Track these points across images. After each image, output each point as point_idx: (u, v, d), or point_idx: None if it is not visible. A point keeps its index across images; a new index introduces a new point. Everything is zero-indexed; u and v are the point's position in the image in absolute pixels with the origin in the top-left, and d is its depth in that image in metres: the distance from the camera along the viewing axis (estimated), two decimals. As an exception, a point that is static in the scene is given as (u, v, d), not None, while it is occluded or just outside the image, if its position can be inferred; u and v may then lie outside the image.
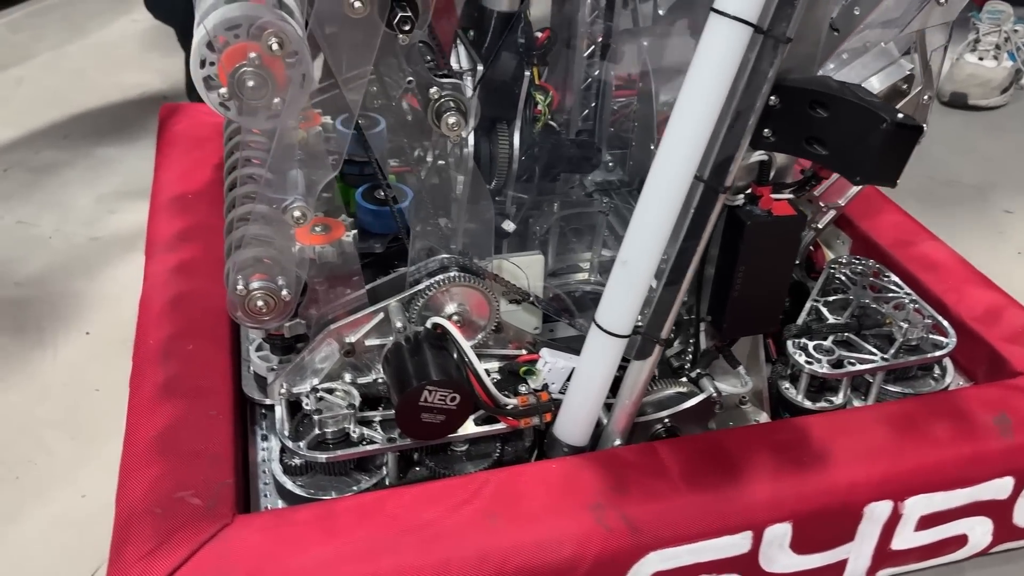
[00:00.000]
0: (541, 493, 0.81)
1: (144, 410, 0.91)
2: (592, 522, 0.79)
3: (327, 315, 0.90)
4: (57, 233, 1.52)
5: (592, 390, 0.84)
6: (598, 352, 0.83)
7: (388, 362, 0.87)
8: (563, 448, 0.88)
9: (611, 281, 0.80)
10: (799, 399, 0.99)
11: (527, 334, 0.96)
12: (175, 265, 1.11)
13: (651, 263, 0.79)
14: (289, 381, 0.90)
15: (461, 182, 1.02)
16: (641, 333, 0.83)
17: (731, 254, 0.88)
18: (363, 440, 0.87)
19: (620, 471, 0.83)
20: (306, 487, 0.87)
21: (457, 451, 0.90)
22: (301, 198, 0.80)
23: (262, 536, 0.77)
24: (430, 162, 1.02)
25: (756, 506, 0.82)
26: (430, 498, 0.81)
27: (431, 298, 0.89)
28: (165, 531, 0.77)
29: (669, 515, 0.80)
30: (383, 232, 1.00)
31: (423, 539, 0.77)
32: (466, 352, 0.83)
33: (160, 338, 0.99)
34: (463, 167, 1.01)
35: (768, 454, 0.86)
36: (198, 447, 0.86)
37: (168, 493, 0.81)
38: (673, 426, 0.92)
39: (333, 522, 0.78)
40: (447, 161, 1.01)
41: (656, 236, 0.78)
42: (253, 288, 0.82)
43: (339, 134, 1.09)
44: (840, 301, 1.07)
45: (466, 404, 0.83)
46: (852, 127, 0.74)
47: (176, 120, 1.44)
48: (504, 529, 0.78)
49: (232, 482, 0.83)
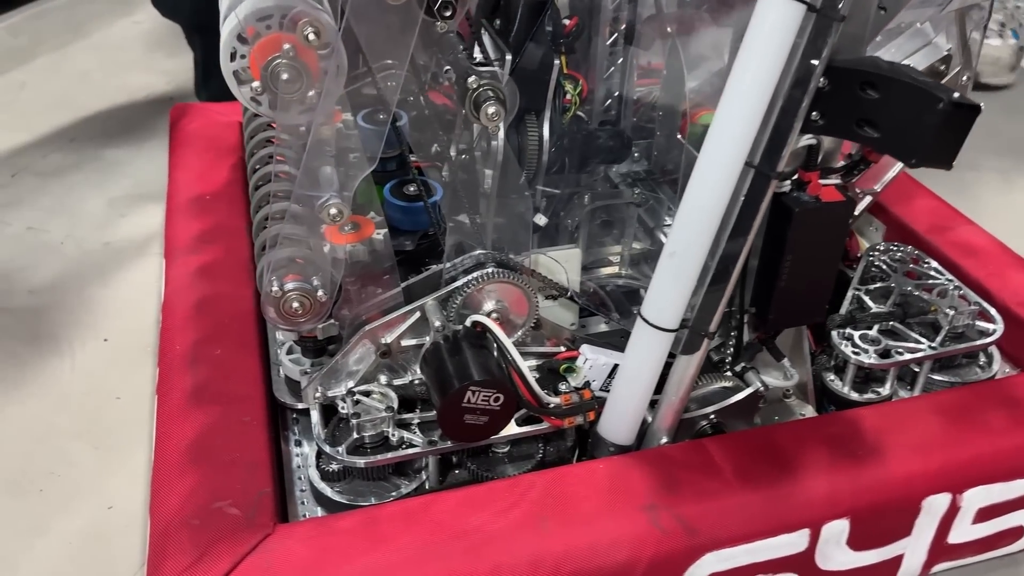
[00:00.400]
0: (590, 495, 0.79)
1: (174, 418, 0.88)
2: (646, 524, 0.76)
3: (361, 315, 0.87)
4: (68, 239, 1.49)
5: (639, 387, 0.82)
6: (644, 347, 0.80)
7: (427, 362, 0.84)
8: (608, 447, 0.85)
9: (658, 274, 0.78)
10: (845, 391, 0.96)
11: (565, 330, 0.93)
12: (197, 268, 1.08)
13: (700, 254, 0.76)
14: (324, 384, 0.87)
15: (489, 176, 0.99)
16: (688, 327, 0.80)
17: (777, 243, 0.85)
18: (403, 444, 0.84)
19: (671, 470, 0.81)
20: (345, 493, 0.85)
21: (499, 453, 0.87)
22: (336, 195, 0.77)
23: (306, 546, 0.74)
24: (453, 157, 1.00)
25: (814, 503, 0.80)
26: (476, 502, 0.78)
27: (469, 296, 0.86)
28: (204, 543, 0.74)
29: (725, 515, 0.78)
30: (413, 229, 0.97)
31: (472, 545, 0.74)
32: (509, 350, 0.80)
33: (186, 343, 0.97)
34: (491, 160, 0.98)
35: (822, 448, 0.83)
36: (233, 455, 0.83)
37: (205, 504, 0.78)
38: (719, 422, 0.89)
39: (378, 529, 0.76)
40: (474, 155, 0.98)
41: (705, 226, 0.75)
42: (288, 289, 0.79)
43: (361, 131, 1.06)
44: (881, 289, 1.04)
45: (510, 404, 0.80)
46: (906, 108, 0.71)
47: (188, 120, 1.41)
48: (555, 533, 0.76)
49: (271, 490, 0.80)
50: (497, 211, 0.97)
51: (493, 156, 0.98)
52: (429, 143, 1.04)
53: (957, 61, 1.02)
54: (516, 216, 0.97)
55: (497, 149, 0.97)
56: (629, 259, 1.13)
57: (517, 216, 0.97)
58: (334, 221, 0.78)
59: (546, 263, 0.92)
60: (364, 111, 1.07)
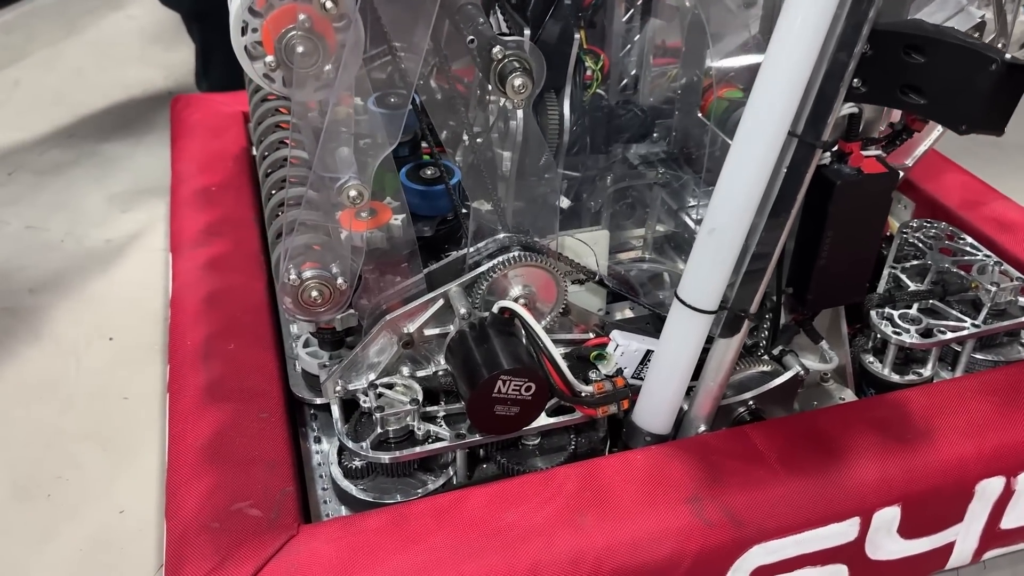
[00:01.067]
0: (629, 487, 0.75)
1: (188, 416, 0.84)
2: (691, 516, 0.73)
3: (381, 305, 0.83)
4: (69, 236, 1.45)
5: (676, 372, 0.78)
6: (682, 330, 0.76)
7: (453, 352, 0.80)
8: (645, 437, 0.81)
9: (696, 252, 0.74)
10: (885, 373, 0.93)
11: (593, 316, 0.89)
12: (205, 261, 1.04)
13: (741, 230, 0.72)
14: (344, 378, 0.83)
15: (508, 159, 0.95)
16: (728, 308, 0.76)
17: (817, 218, 0.81)
18: (429, 438, 0.80)
19: (713, 459, 0.77)
20: (369, 491, 0.81)
21: (529, 445, 0.84)
22: (355, 176, 0.73)
23: (333, 547, 0.70)
24: (467, 141, 0.96)
25: (864, 490, 0.76)
26: (509, 498, 0.74)
27: (494, 281, 0.82)
28: (226, 547, 0.71)
29: (773, 504, 0.74)
30: (431, 214, 0.93)
31: (508, 542, 0.71)
32: (540, 336, 0.76)
33: (198, 339, 0.93)
34: (510, 141, 0.94)
35: (870, 433, 0.79)
36: (252, 453, 0.79)
37: (224, 505, 0.74)
38: (757, 408, 0.86)
39: (408, 528, 0.72)
40: (490, 137, 0.94)
41: (746, 200, 0.71)
42: (306, 277, 0.75)
43: (373, 115, 1.02)
44: (917, 267, 1.00)
45: (542, 393, 0.76)
46: (954, 71, 0.67)
47: (190, 112, 1.37)
48: (595, 528, 0.72)
49: (293, 489, 0.76)
50: (519, 194, 0.93)
51: (512, 137, 0.94)
52: (442, 128, 0.99)
53: (991, 29, 0.98)
54: (539, 199, 0.93)
55: (517, 128, 0.93)
56: (653, 243, 1.09)
57: (540, 199, 0.93)
58: (354, 204, 0.74)
59: (573, 245, 0.88)
60: (375, 95, 1.03)
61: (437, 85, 0.98)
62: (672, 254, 1.09)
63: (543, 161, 0.94)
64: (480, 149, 0.91)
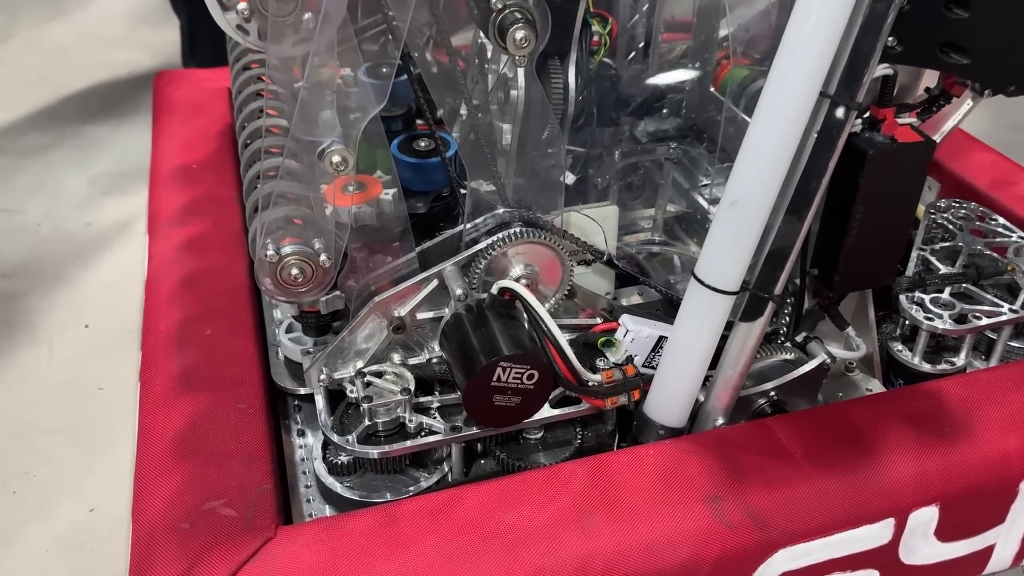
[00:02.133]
0: (642, 485, 0.68)
1: (159, 407, 0.77)
2: (710, 518, 0.66)
3: (369, 286, 0.76)
4: (46, 220, 1.38)
5: (693, 359, 0.71)
6: (700, 313, 0.69)
7: (448, 337, 0.73)
8: (657, 431, 0.74)
9: (716, 226, 0.67)
10: (915, 362, 0.86)
11: (601, 299, 0.82)
12: (183, 242, 0.97)
13: (766, 202, 0.65)
14: (329, 365, 0.76)
15: (508, 131, 0.88)
16: (750, 289, 0.69)
17: (846, 191, 0.74)
18: (421, 430, 0.73)
19: (733, 455, 0.70)
20: (356, 489, 0.74)
21: (531, 439, 0.77)
22: (339, 140, 0.66)
23: (314, 551, 0.63)
24: (465, 115, 0.89)
25: (900, 489, 0.69)
26: (509, 496, 0.68)
27: (493, 260, 0.75)
28: (196, 550, 0.64)
29: (800, 505, 0.67)
30: (425, 189, 0.86)
31: (508, 546, 0.64)
32: (544, 320, 0.69)
33: (172, 324, 0.86)
34: (511, 111, 0.87)
35: (904, 427, 0.73)
36: (227, 447, 0.72)
37: (196, 504, 0.67)
38: (779, 400, 0.79)
39: (397, 530, 0.65)
40: (489, 108, 0.88)
41: (773, 168, 0.64)
42: (286, 253, 0.68)
43: (362, 86, 0.95)
44: (947, 249, 0.94)
45: (545, 382, 0.69)
46: (1004, 26, 0.61)
47: (173, 88, 1.30)
48: (604, 530, 0.65)
49: (272, 487, 0.69)
50: (521, 169, 0.87)
51: (513, 107, 0.87)
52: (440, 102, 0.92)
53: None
54: (542, 174, 0.86)
55: (518, 97, 0.86)
56: (663, 223, 1.02)
57: (543, 174, 0.86)
58: (338, 171, 0.67)
59: (579, 223, 0.81)
60: (366, 65, 0.96)
61: (433, 58, 0.91)
62: (684, 236, 1.02)
63: (546, 133, 0.87)
64: (479, 122, 0.84)
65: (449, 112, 0.90)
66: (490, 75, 0.92)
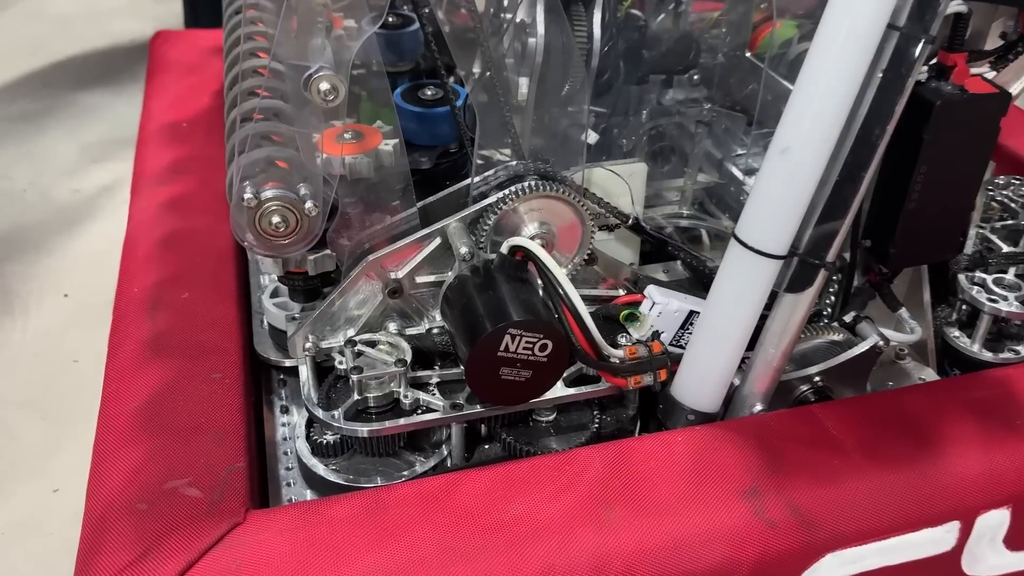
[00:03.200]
0: (669, 475, 0.59)
1: (125, 374, 0.69)
2: (748, 515, 0.57)
3: (363, 244, 0.68)
4: (32, 186, 1.30)
5: (731, 334, 0.62)
6: (741, 280, 0.60)
7: (450, 302, 0.64)
8: (687, 416, 0.65)
9: (762, 178, 0.58)
10: (975, 349, 0.77)
11: (625, 268, 0.73)
12: (167, 200, 0.89)
13: (823, 150, 0.56)
14: (316, 332, 0.68)
15: (525, 85, 0.80)
16: (799, 254, 0.60)
17: (907, 149, 0.65)
18: (418, 408, 0.64)
19: (775, 445, 0.61)
20: (342, 472, 0.65)
21: (542, 422, 0.68)
22: (328, 67, 0.57)
23: (289, 539, 0.54)
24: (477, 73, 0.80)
25: (967, 488, 0.60)
26: (516, 484, 0.59)
27: (504, 216, 0.66)
28: (151, 534, 0.55)
29: (852, 503, 0.58)
30: (430, 143, 0.77)
31: (513, 540, 0.55)
32: (561, 283, 0.60)
33: (147, 285, 0.77)
34: (528, 62, 0.79)
35: (970, 419, 0.64)
36: (197, 421, 0.64)
37: (156, 482, 0.59)
38: (824, 386, 0.69)
39: (385, 518, 0.56)
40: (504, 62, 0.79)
41: (831, 111, 0.56)
42: (266, 198, 0.59)
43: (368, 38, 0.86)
44: (1009, 228, 0.84)
45: (560, 354, 0.60)
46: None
47: (169, 47, 1.22)
48: (624, 526, 0.56)
49: (244, 466, 0.61)
50: (537, 128, 0.78)
51: (531, 57, 0.79)
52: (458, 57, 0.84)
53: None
54: (561, 134, 0.77)
55: (536, 46, 0.78)
56: (692, 196, 0.93)
57: (562, 134, 0.77)
58: (327, 100, 0.58)
59: (602, 181, 0.72)
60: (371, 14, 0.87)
61: (446, 17, 0.83)
62: (714, 210, 0.93)
63: (567, 88, 0.79)
64: (486, 86, 0.75)
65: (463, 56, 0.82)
66: (506, 24, 0.84)
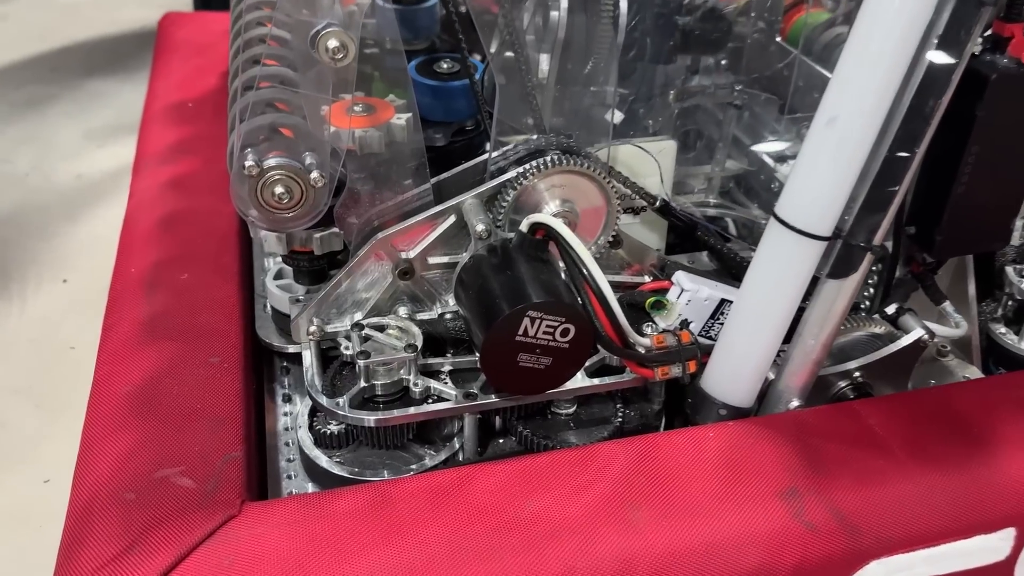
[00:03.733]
0: (701, 473, 0.55)
1: (119, 357, 0.65)
2: (786, 516, 0.52)
3: (373, 221, 0.63)
4: (35, 171, 1.27)
5: (768, 321, 0.57)
6: (780, 263, 0.56)
7: (464, 284, 0.60)
8: (719, 410, 0.61)
9: (807, 151, 0.53)
10: (1023, 347, 0.72)
11: (651, 253, 0.69)
12: (169, 180, 0.85)
13: (874, 119, 0.52)
14: (321, 315, 0.63)
15: (546, 61, 0.76)
16: (843, 236, 0.56)
17: (958, 128, 0.60)
18: (428, 397, 0.60)
19: (814, 443, 0.56)
20: (347, 464, 0.61)
21: (561, 415, 0.63)
22: (337, 23, 0.53)
23: (287, 534, 0.50)
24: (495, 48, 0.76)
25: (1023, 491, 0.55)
26: (533, 479, 0.54)
27: (523, 192, 0.62)
28: (139, 526, 0.51)
29: (898, 506, 0.53)
30: (446, 119, 0.73)
31: (530, 540, 0.50)
32: (586, 263, 0.56)
33: (145, 266, 0.73)
34: (550, 38, 0.75)
35: (1023, 419, 0.59)
36: (192, 406, 0.60)
37: (146, 471, 0.55)
38: (864, 382, 0.65)
39: (392, 513, 0.52)
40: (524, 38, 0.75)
41: (883, 76, 0.51)
42: (269, 167, 0.55)
43: (382, 11, 0.82)
44: (1056, 220, 0.79)
45: (583, 340, 0.56)
46: None
47: (177, 28, 1.19)
48: (652, 527, 0.51)
49: (241, 455, 0.56)
50: (559, 108, 0.74)
51: (552, 32, 0.75)
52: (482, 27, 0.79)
53: None
54: (584, 113, 0.73)
55: (559, 21, 0.73)
56: (720, 184, 0.88)
57: (585, 113, 0.73)
58: (335, 59, 0.54)
59: (629, 159, 0.68)
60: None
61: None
62: (743, 199, 0.88)
63: (591, 66, 0.74)
64: (505, 68, 0.70)
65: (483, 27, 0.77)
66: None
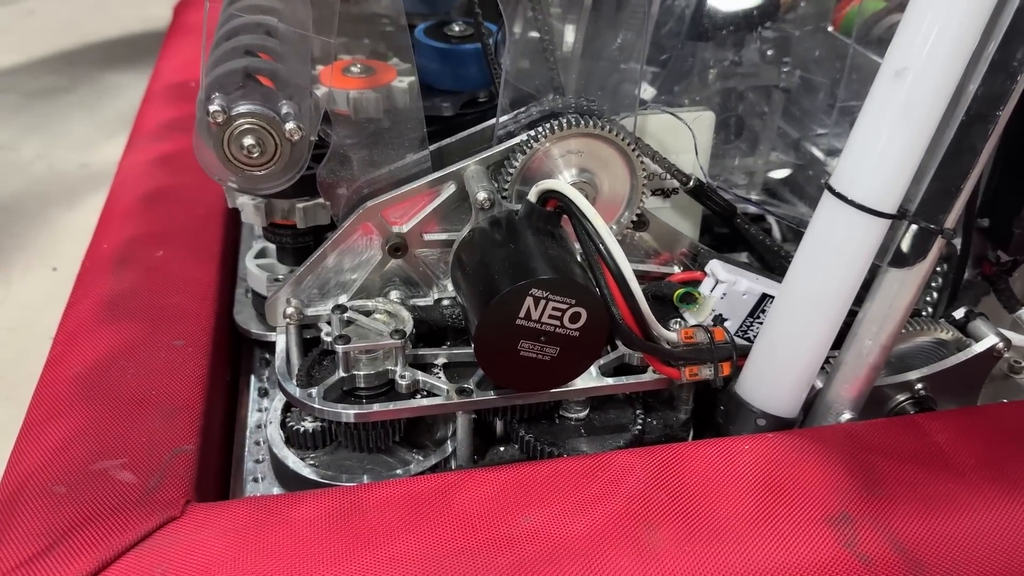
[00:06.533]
0: (733, 491, 0.46)
1: (76, 335, 0.58)
2: (836, 547, 0.43)
3: (363, 190, 0.56)
4: (40, 159, 1.22)
5: (818, 318, 0.48)
6: (837, 244, 0.47)
7: (461, 260, 0.51)
8: (756, 420, 0.52)
9: (868, 111, 0.45)
10: (1111, 366, 0.62)
11: (682, 239, 0.60)
12: (159, 156, 0.79)
13: (950, 70, 0.43)
14: (301, 296, 0.55)
15: (571, 32, 0.68)
16: (910, 217, 0.47)
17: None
18: (417, 391, 0.52)
19: (869, 461, 0.47)
20: (322, 468, 0.53)
21: (570, 418, 0.55)
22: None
23: (232, 541, 0.42)
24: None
25: None
26: (532, 490, 0.46)
27: (534, 158, 0.54)
28: (64, 524, 0.44)
29: (971, 538, 0.44)
30: (456, 87, 0.65)
31: (521, 562, 0.42)
32: (604, 238, 0.47)
33: (118, 241, 0.66)
34: (576, 7, 0.67)
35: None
36: (145, 393, 0.52)
37: (83, 461, 0.48)
38: (928, 396, 0.55)
39: (360, 524, 0.43)
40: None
41: (963, 18, 0.42)
42: (238, 113, 0.48)
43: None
44: None
45: (597, 328, 0.47)
46: None
47: (192, 11, 1.14)
48: (673, 552, 0.42)
49: (194, 449, 0.49)
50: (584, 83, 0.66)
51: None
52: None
53: None
54: (612, 88, 0.65)
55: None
56: (763, 179, 0.80)
57: (613, 88, 0.65)
58: None
59: (660, 131, 0.59)
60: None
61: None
62: (789, 196, 0.79)
63: (621, 39, 0.67)
64: (520, 48, 0.63)
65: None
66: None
